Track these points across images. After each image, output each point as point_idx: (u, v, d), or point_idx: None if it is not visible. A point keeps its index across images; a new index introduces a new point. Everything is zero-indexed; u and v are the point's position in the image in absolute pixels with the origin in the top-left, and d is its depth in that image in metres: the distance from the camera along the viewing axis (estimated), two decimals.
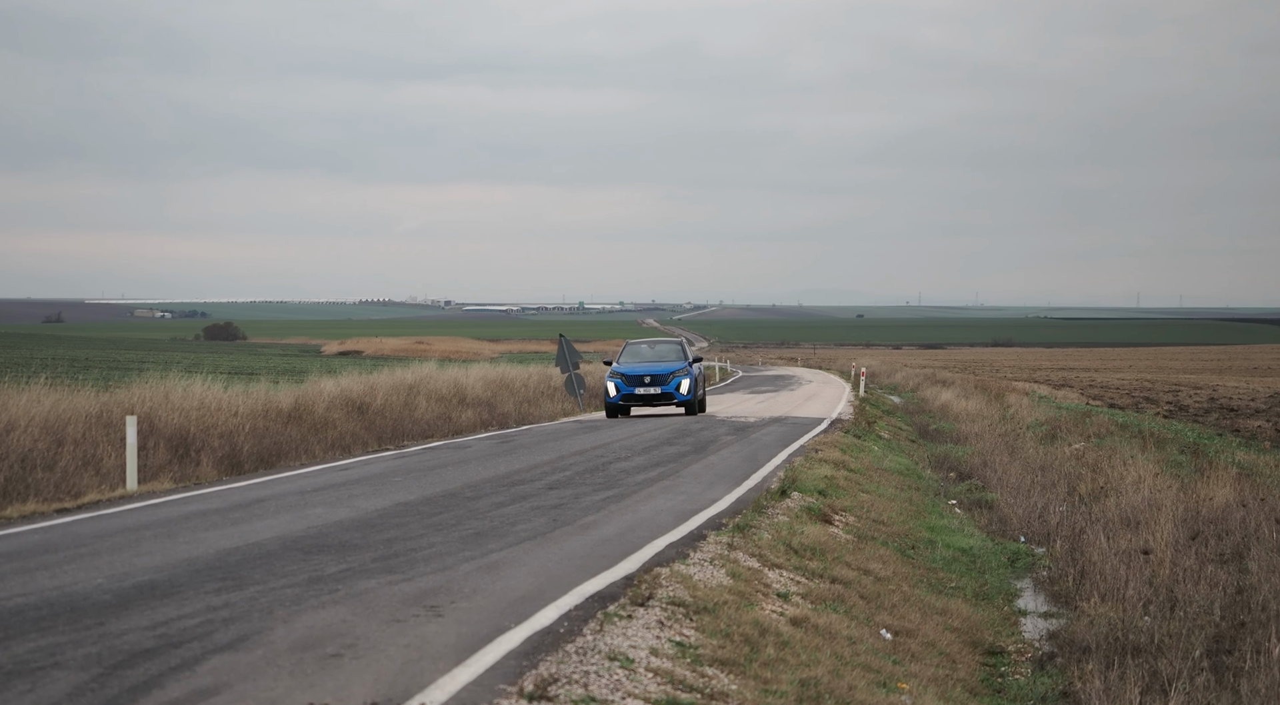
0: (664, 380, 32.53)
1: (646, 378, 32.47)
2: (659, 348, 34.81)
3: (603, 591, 9.73)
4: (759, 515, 14.35)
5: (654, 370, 32.68)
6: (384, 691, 6.90)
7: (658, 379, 32.53)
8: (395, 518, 13.90)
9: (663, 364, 33.27)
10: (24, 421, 17.62)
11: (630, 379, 32.47)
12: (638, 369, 32.73)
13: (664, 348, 34.81)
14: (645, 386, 32.37)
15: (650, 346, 34.87)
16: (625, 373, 32.63)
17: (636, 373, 32.54)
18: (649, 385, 32.40)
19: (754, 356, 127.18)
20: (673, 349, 34.62)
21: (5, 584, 10.04)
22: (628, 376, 32.50)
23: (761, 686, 8.31)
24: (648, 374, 32.55)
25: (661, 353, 34.33)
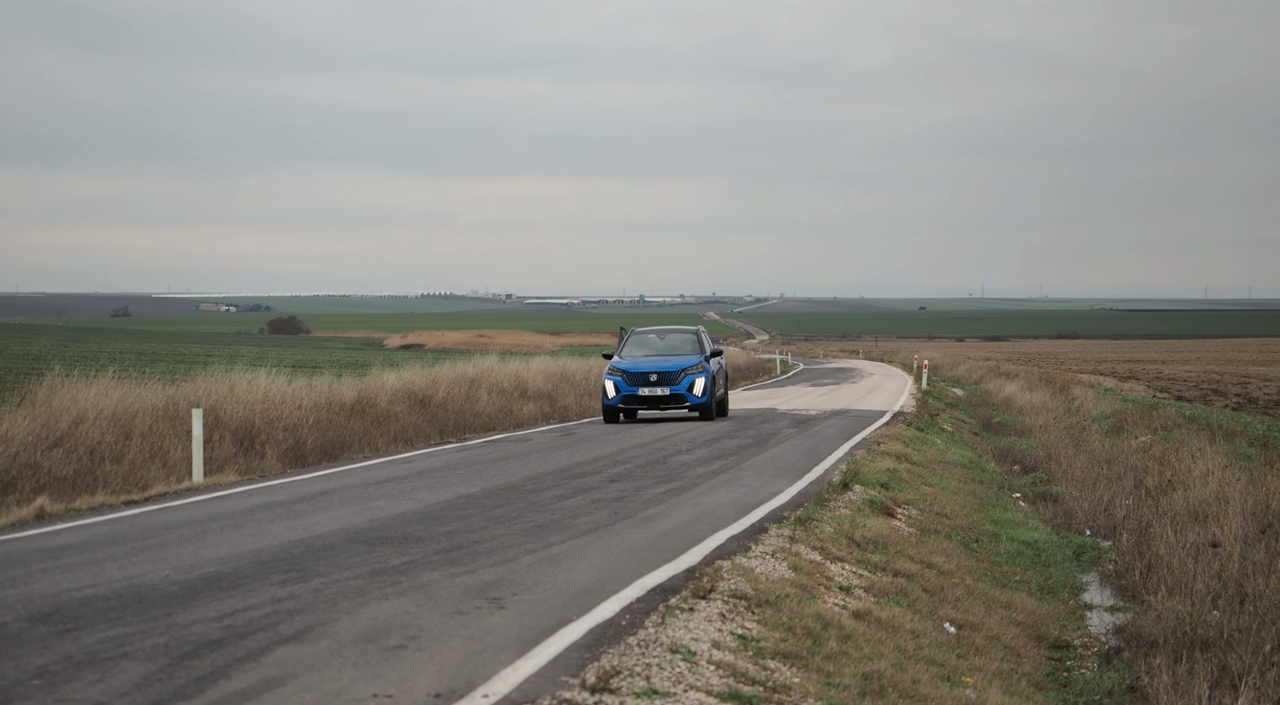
0: (673, 379, 27.36)
1: (652, 376, 27.30)
2: (670, 338, 29.33)
3: (664, 584, 9.72)
4: (821, 508, 14.29)
5: (662, 367, 27.51)
6: (447, 683, 6.93)
7: (666, 377, 27.34)
8: (457, 510, 13.96)
9: (673, 359, 28.00)
10: (92, 414, 17.83)
11: (632, 377, 27.38)
12: (642, 365, 27.62)
13: (676, 338, 29.34)
14: (650, 386, 27.27)
15: (660, 336, 29.39)
16: (627, 369, 27.53)
17: (640, 369, 27.43)
18: (655, 384, 27.28)
19: (815, 349, 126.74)
20: (687, 340, 29.20)
21: (75, 575, 10.17)
22: (629, 374, 27.42)
23: (824, 680, 8.27)
24: (654, 371, 27.35)
25: (673, 344, 29.01)
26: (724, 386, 29.21)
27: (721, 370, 28.95)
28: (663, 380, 27.32)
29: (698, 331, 29.54)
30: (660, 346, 28.85)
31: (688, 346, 28.69)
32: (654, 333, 29.43)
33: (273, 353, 66.04)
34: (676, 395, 27.33)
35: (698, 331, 29.54)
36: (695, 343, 28.82)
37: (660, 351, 28.60)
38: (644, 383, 27.33)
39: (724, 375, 29.32)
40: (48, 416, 17.38)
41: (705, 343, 28.82)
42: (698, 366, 27.57)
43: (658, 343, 29.01)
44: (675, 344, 28.94)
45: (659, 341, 29.00)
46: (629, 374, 27.42)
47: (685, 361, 27.73)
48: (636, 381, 27.36)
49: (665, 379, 27.33)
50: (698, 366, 27.57)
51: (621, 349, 28.72)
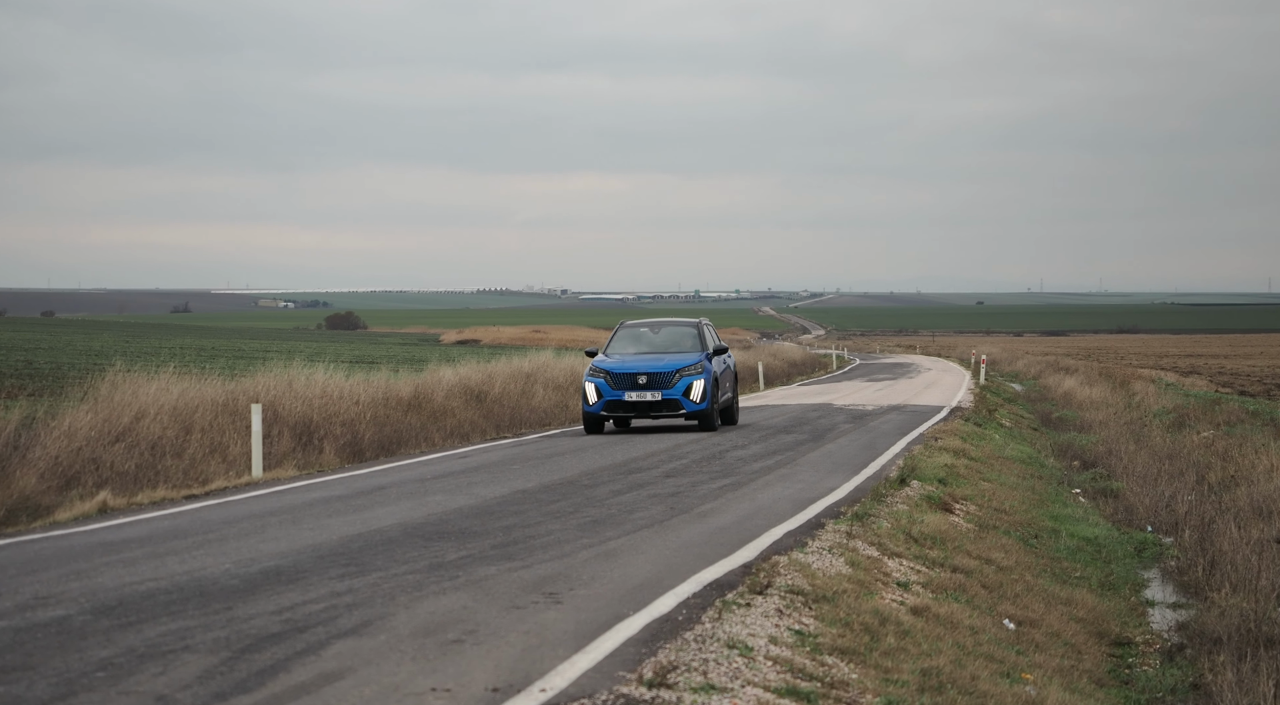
0: (666, 381, 23.23)
1: (641, 377, 23.19)
2: (665, 332, 25.13)
3: (721, 579, 9.70)
4: (878, 504, 14.22)
5: (652, 367, 23.37)
6: (505, 677, 6.94)
7: (657, 379, 23.24)
8: (514, 505, 14.00)
9: (667, 357, 23.86)
10: (154, 410, 18.02)
11: (617, 379, 23.25)
12: (629, 365, 23.49)
13: (672, 332, 25.10)
14: (639, 390, 23.18)
15: (653, 330, 25.27)
16: (611, 370, 23.35)
17: (627, 370, 23.29)
18: (644, 388, 23.18)
19: (871, 344, 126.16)
20: (685, 334, 24.88)
21: (137, 568, 10.28)
22: (614, 375, 23.28)
23: (882, 676, 8.22)
24: (642, 372, 23.23)
25: (668, 340, 24.84)
26: (731, 390, 25.15)
27: (728, 371, 25.08)
28: (653, 383, 23.24)
29: (698, 324, 25.29)
30: (653, 342, 24.80)
31: (686, 342, 24.62)
32: (646, 326, 25.40)
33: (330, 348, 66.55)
34: (670, 400, 23.21)
35: (698, 324, 25.29)
36: (695, 338, 24.73)
37: (653, 348, 24.54)
38: (631, 386, 23.23)
39: (731, 377, 25.28)
40: (110, 412, 17.58)
41: (707, 338, 24.88)
42: (696, 366, 23.47)
43: (651, 338, 24.95)
44: (671, 339, 24.82)
45: (652, 336, 24.97)
46: (613, 375, 23.27)
47: (681, 360, 23.61)
48: (622, 384, 23.23)
49: (656, 381, 23.25)
50: (696, 366, 23.47)
51: (608, 345, 24.79)
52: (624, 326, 25.45)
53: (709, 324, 25.66)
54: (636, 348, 24.66)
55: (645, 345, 24.73)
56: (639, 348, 24.66)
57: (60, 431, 16.44)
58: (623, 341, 24.90)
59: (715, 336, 25.22)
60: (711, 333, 25.28)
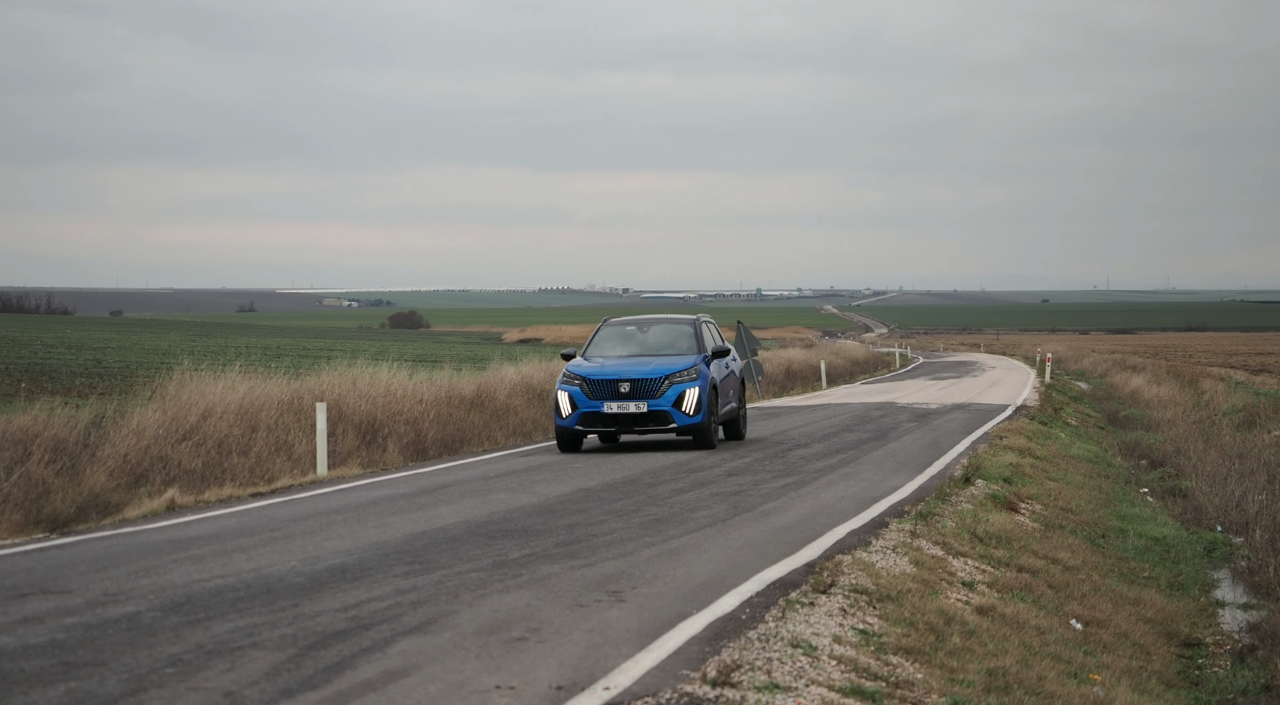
0: (652, 389, 19.55)
1: (623, 385, 19.53)
2: (656, 331, 21.33)
3: (784, 578, 9.67)
4: (942, 503, 14.13)
5: (636, 372, 19.71)
6: (569, 675, 6.95)
7: (642, 388, 19.56)
8: (576, 503, 14.02)
9: (656, 360, 20.14)
10: (220, 408, 18.21)
11: (595, 386, 19.61)
12: (610, 370, 19.82)
13: (664, 331, 21.30)
14: (620, 400, 19.52)
15: (642, 328, 21.48)
16: (587, 376, 19.73)
17: (606, 376, 19.67)
18: (627, 397, 19.53)
19: (935, 342, 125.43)
20: (680, 334, 21.14)
21: (205, 566, 10.39)
22: (591, 382, 19.65)
23: (948, 676, 8.16)
24: (625, 379, 19.58)
25: (659, 340, 21.09)
26: (736, 399, 21.50)
27: (731, 377, 21.32)
28: (638, 391, 19.54)
29: (696, 322, 21.48)
30: (642, 343, 21.08)
31: (680, 343, 20.89)
32: (633, 324, 21.68)
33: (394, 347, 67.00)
34: (657, 412, 19.54)
35: (696, 322, 21.48)
36: (691, 338, 20.97)
37: (642, 350, 20.86)
38: (611, 395, 19.55)
39: (736, 384, 21.62)
40: (177, 410, 17.78)
41: (706, 337, 21.16)
42: (689, 371, 19.78)
43: (639, 338, 21.23)
44: (662, 339, 21.09)
45: (640, 336, 21.25)
46: (590, 382, 19.60)
47: (672, 364, 19.95)
48: (601, 393, 19.54)
49: (641, 389, 19.55)
50: (689, 371, 19.78)
51: (588, 346, 21.04)
52: (608, 324, 21.67)
53: (710, 321, 22.08)
54: (622, 349, 20.88)
55: (633, 346, 20.95)
56: (625, 349, 20.88)
57: (129, 430, 16.65)
58: (605, 342, 21.10)
59: (717, 336, 21.78)
60: (713, 331, 21.77)
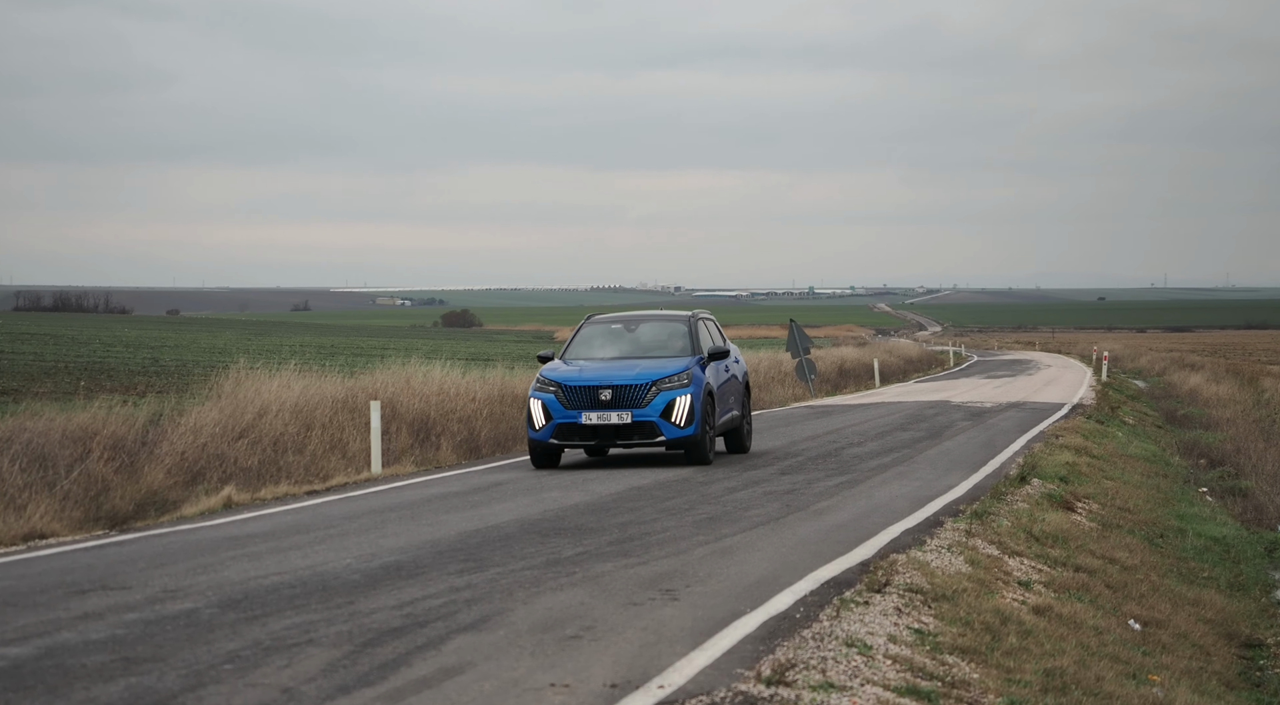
0: (637, 397, 17.21)
1: (603, 392, 17.20)
2: (646, 330, 18.97)
3: (838, 577, 9.64)
4: (997, 502, 14.03)
5: (619, 376, 17.36)
6: (623, 673, 6.95)
7: (625, 395, 17.22)
8: (629, 502, 14.03)
9: (642, 364, 17.77)
10: (275, 407, 18.34)
11: (572, 394, 17.29)
12: (589, 374, 17.45)
13: (654, 330, 18.93)
14: (601, 409, 17.19)
15: (628, 327, 19.08)
16: (564, 382, 17.39)
17: (584, 382, 17.31)
18: (608, 406, 17.19)
19: (989, 341, 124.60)
20: (672, 333, 18.75)
21: (262, 563, 10.47)
22: (567, 388, 17.32)
23: (1004, 676, 8.10)
24: (606, 385, 17.25)
25: (649, 339, 18.75)
26: (738, 406, 19.15)
27: (732, 381, 18.96)
28: (620, 399, 17.18)
29: (690, 319, 18.99)
30: (630, 343, 18.68)
31: (674, 343, 18.49)
32: (620, 322, 19.15)
33: (447, 346, 67.30)
34: (643, 423, 17.18)
35: (690, 319, 18.99)
36: (685, 337, 18.52)
37: (628, 352, 18.47)
38: (590, 403, 17.20)
39: (738, 390, 19.25)
40: (234, 408, 17.93)
41: (702, 337, 18.70)
42: (680, 376, 17.41)
43: (625, 338, 18.81)
44: (652, 339, 18.70)
45: (627, 335, 18.84)
46: (566, 389, 17.26)
47: (660, 368, 17.53)
48: (578, 401, 17.23)
49: (624, 397, 17.19)
50: (680, 376, 17.41)
51: (567, 347, 18.68)
52: (590, 322, 19.22)
53: (709, 318, 19.66)
54: (605, 351, 18.49)
55: (619, 347, 18.56)
56: (610, 351, 18.48)
57: (186, 428, 16.80)
58: (588, 342, 18.68)
59: (717, 335, 19.34)
60: (711, 330, 19.30)
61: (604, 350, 18.50)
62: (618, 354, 18.39)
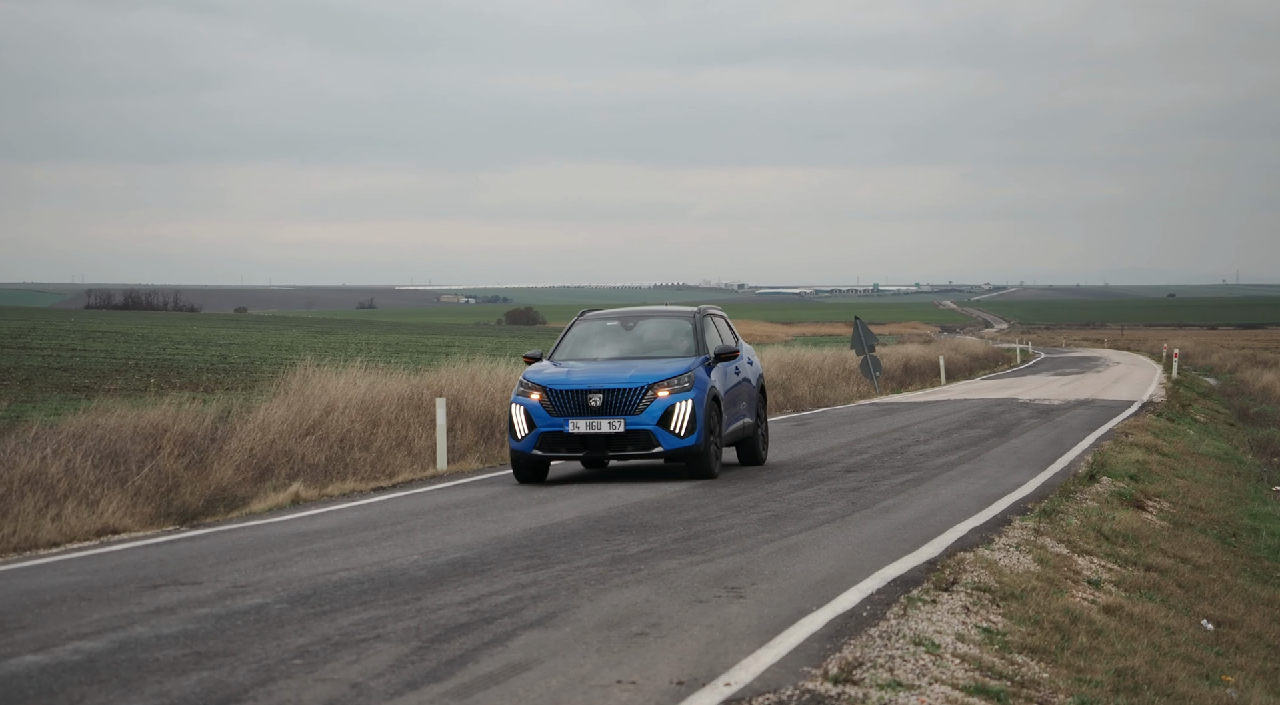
0: (631, 403, 15.37)
1: (593, 398, 15.36)
2: (644, 328, 17.00)
3: (905, 576, 9.58)
4: (1066, 500, 13.90)
5: (612, 379, 15.50)
6: (689, 671, 6.94)
7: (617, 401, 15.37)
8: (694, 499, 14.01)
9: (637, 366, 15.85)
10: (342, 404, 18.48)
11: (558, 398, 15.45)
12: (578, 377, 15.59)
13: (655, 327, 17.00)
14: (590, 416, 15.35)
15: (625, 324, 17.08)
16: (549, 385, 15.54)
17: (571, 386, 15.48)
18: (598, 413, 15.34)
19: (1057, 338, 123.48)
20: (675, 329, 16.82)
21: (329, 559, 10.55)
22: (553, 393, 15.48)
23: (1075, 675, 8.02)
24: (596, 389, 15.41)
25: (648, 338, 16.82)
26: (749, 412, 17.22)
27: (744, 385, 17.06)
28: (612, 405, 15.35)
29: (695, 315, 16.95)
30: (627, 342, 16.73)
31: (678, 341, 16.57)
32: (617, 319, 17.16)
33: (511, 343, 67.53)
34: (637, 432, 15.34)
35: (695, 315, 16.95)
36: (689, 335, 16.60)
37: (625, 352, 16.53)
38: (578, 410, 15.40)
39: (751, 394, 17.28)
40: (301, 405, 18.08)
41: (709, 335, 16.78)
42: (681, 379, 15.54)
43: (622, 336, 16.86)
44: (652, 338, 16.78)
45: (624, 333, 16.89)
46: (552, 393, 15.44)
47: (657, 370, 15.65)
48: (565, 407, 15.40)
49: (616, 403, 15.36)
50: (681, 379, 15.54)
51: (557, 346, 16.82)
52: (584, 318, 17.28)
53: (720, 315, 17.75)
54: (599, 350, 16.58)
55: (615, 346, 16.64)
56: (604, 351, 16.57)
57: (254, 425, 16.97)
58: (580, 341, 16.81)
59: (728, 333, 17.46)
60: (721, 327, 17.40)
61: (598, 350, 16.58)
62: (614, 354, 16.43)
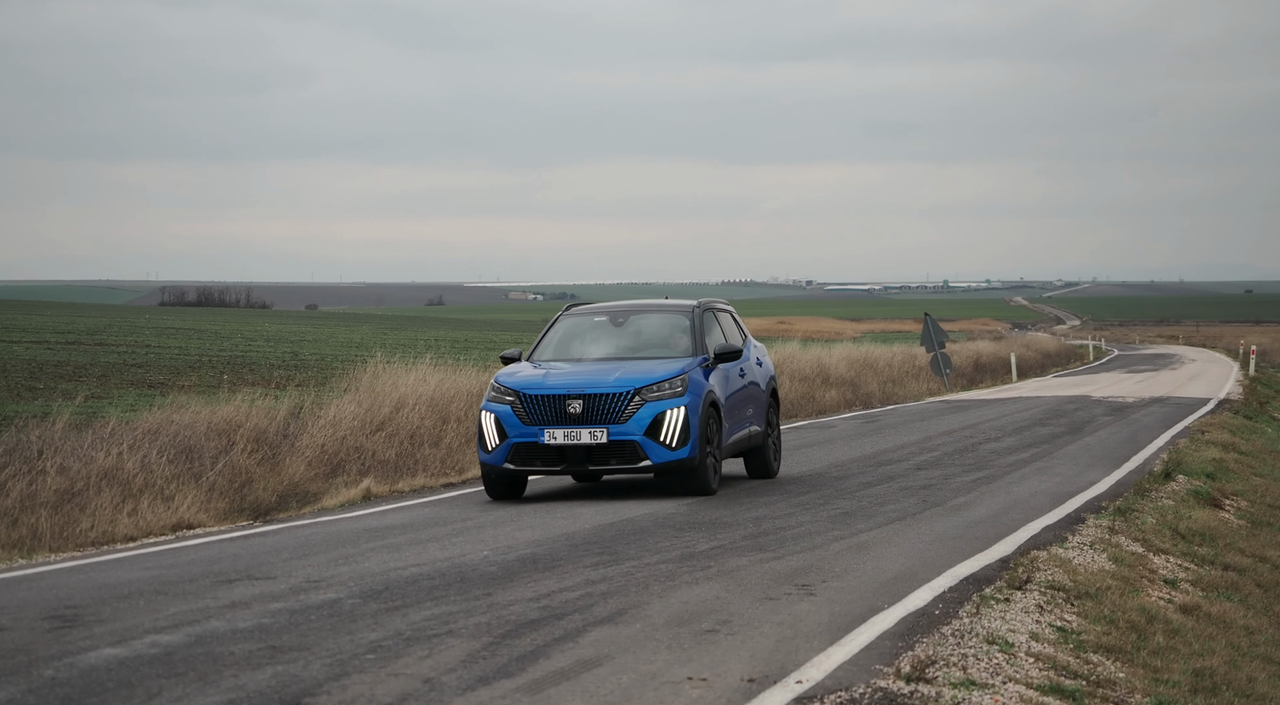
0: (615, 410, 13.61)
1: (573, 403, 13.60)
2: (634, 324, 15.15)
3: (977, 574, 9.50)
4: (1141, 499, 13.73)
5: (593, 382, 13.75)
6: (760, 668, 6.92)
7: (599, 407, 13.62)
8: (762, 496, 13.98)
9: (623, 368, 14.08)
10: (412, 400, 18.58)
11: (533, 404, 13.71)
12: (554, 380, 13.85)
13: (647, 324, 15.16)
14: (569, 425, 13.60)
15: (615, 321, 15.22)
16: (523, 389, 13.80)
17: (548, 390, 13.72)
18: (577, 422, 13.59)
19: (1130, 335, 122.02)
20: (671, 327, 14.95)
21: (401, 554, 10.63)
22: (527, 398, 13.74)
23: (1151, 675, 7.92)
24: (576, 394, 13.65)
25: (639, 337, 15.00)
26: (759, 420, 15.48)
27: (751, 388, 15.31)
28: (593, 412, 13.61)
29: (695, 310, 15.05)
30: (615, 342, 14.95)
31: (675, 340, 14.76)
32: (605, 314, 15.30)
33: None
34: (622, 444, 13.59)
35: (695, 310, 15.05)
36: (686, 332, 14.76)
37: (613, 352, 14.78)
38: (555, 417, 13.65)
39: (759, 398, 15.53)
40: (371, 402, 18.20)
41: (711, 332, 14.97)
42: (672, 382, 13.75)
43: (610, 334, 15.07)
44: (644, 336, 15.00)
45: (612, 330, 15.07)
46: (525, 399, 13.73)
47: (645, 372, 13.88)
48: (540, 415, 13.68)
49: (598, 409, 13.61)
50: (672, 382, 13.75)
51: (537, 345, 15.04)
52: (569, 313, 15.48)
53: (726, 309, 15.86)
54: (585, 350, 14.89)
55: (602, 345, 14.89)
56: (589, 350, 14.87)
57: (326, 421, 17.11)
58: (563, 339, 15.08)
59: (734, 329, 15.69)
60: (727, 324, 15.59)
61: (584, 349, 14.83)
62: (602, 354, 14.66)
